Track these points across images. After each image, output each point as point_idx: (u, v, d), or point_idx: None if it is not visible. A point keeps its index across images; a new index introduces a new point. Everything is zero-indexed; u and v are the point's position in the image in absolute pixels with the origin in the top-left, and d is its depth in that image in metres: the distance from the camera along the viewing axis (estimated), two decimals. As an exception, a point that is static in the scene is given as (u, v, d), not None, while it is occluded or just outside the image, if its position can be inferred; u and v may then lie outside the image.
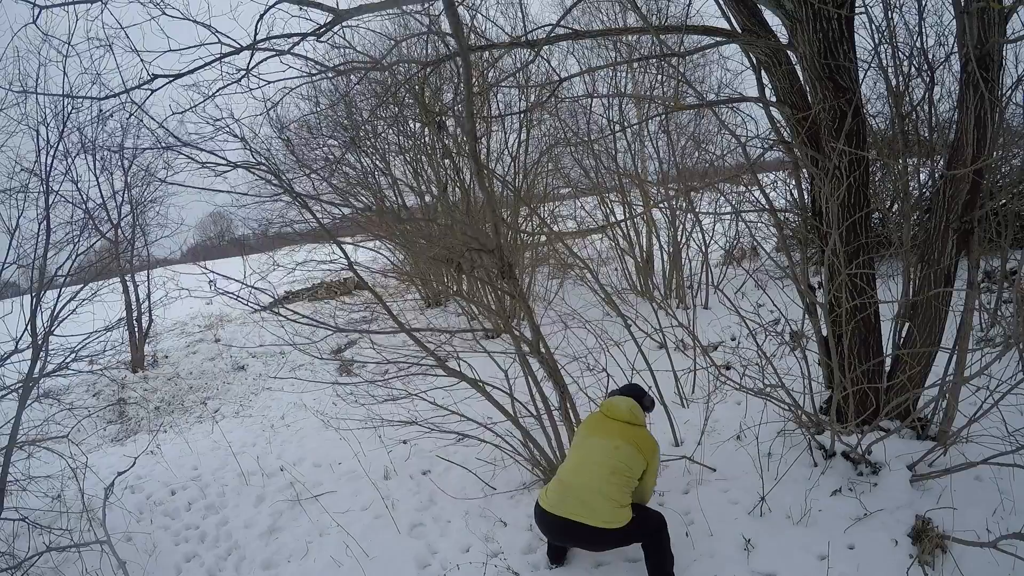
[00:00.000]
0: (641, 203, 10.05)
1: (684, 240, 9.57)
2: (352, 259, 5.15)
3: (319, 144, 11.28)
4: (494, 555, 4.38)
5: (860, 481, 4.16)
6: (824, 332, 4.48)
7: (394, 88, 7.03)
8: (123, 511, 5.61)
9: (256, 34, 3.86)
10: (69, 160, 6.28)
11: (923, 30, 4.82)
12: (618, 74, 10.25)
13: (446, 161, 9.79)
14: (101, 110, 6.41)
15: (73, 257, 5.88)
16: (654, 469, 4.01)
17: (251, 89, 4.35)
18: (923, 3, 4.77)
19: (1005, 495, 3.91)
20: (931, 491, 4.01)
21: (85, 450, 6.08)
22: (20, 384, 4.98)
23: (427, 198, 11.36)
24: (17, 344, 5.16)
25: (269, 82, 4.42)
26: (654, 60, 6.79)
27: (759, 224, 7.87)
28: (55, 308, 5.56)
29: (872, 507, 3.89)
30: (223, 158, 4.32)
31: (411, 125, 10.27)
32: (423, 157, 10.85)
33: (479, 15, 7.11)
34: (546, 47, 4.59)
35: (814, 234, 4.66)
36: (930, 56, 4.98)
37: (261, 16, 3.82)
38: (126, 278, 11.43)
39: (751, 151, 4.91)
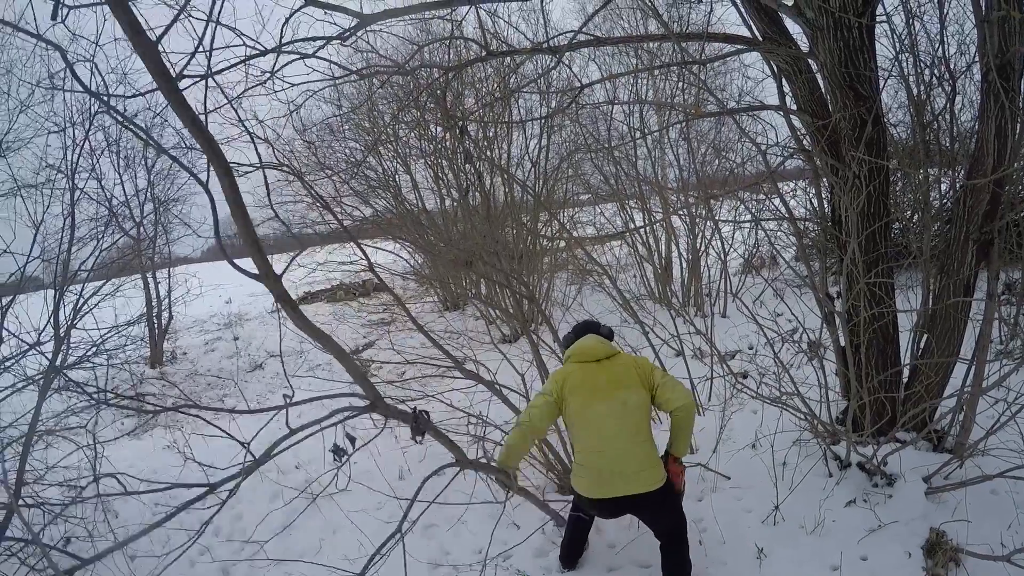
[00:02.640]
0: (661, 210, 10.04)
1: (703, 248, 9.55)
2: (372, 261, 5.18)
3: (341, 146, 11.36)
4: (506, 557, 4.39)
5: (875, 492, 4.14)
6: (842, 342, 4.46)
7: (416, 92, 7.07)
8: (139, 503, 5.67)
9: (281, 37, 3.91)
10: (94, 158, 6.37)
11: (944, 39, 4.81)
12: (639, 81, 10.27)
13: (467, 166, 9.83)
14: (126, 109, 6.50)
15: (96, 253, 5.97)
16: (661, 374, 3.77)
17: (275, 91, 4.40)
18: (944, 12, 4.75)
19: (1021, 509, 3.86)
20: (946, 504, 3.98)
21: (102, 441, 6.14)
22: (41, 375, 5.05)
23: (447, 202, 11.41)
24: (40, 337, 5.24)
25: (293, 84, 4.46)
26: (675, 67, 6.81)
27: (778, 233, 7.85)
28: (78, 302, 5.64)
29: (886, 519, 3.87)
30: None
31: (432, 129, 10.32)
32: (444, 161, 10.90)
33: (501, 21, 7.14)
34: (567, 53, 4.61)
35: (833, 243, 4.64)
36: (951, 65, 4.96)
37: (287, 20, 3.87)
38: (147, 275, 11.56)
39: (771, 159, 4.91)
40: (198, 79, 3.72)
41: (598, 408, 3.70)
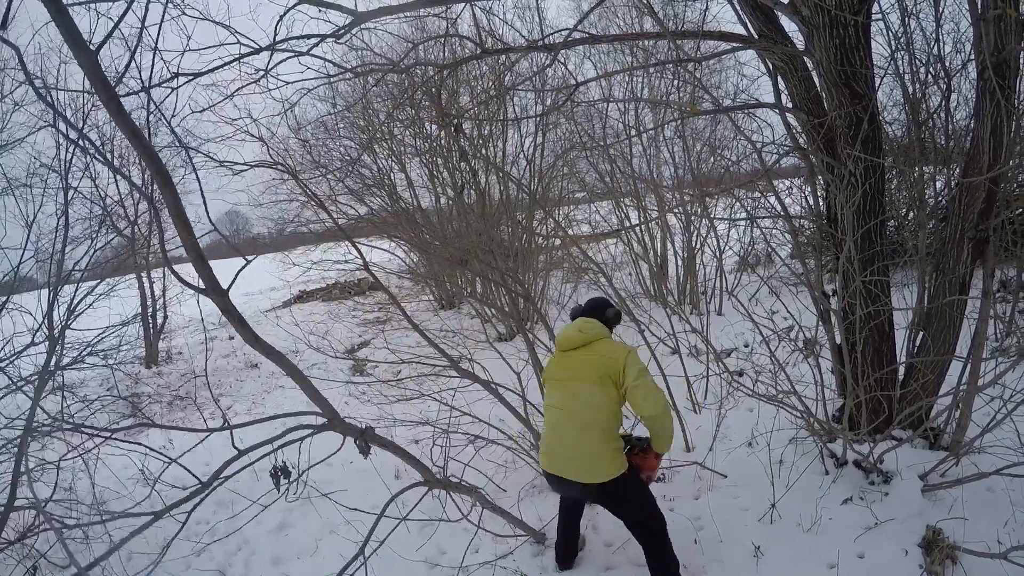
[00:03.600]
0: (656, 208, 10.05)
1: (699, 245, 9.57)
2: (367, 260, 5.17)
3: (336, 145, 11.36)
4: (503, 556, 4.38)
5: (871, 490, 4.14)
6: (838, 339, 4.46)
7: (411, 90, 7.06)
8: (135, 504, 5.65)
9: (275, 35, 3.90)
10: (88, 157, 6.34)
11: (940, 37, 4.80)
12: (634, 79, 10.28)
13: (462, 164, 9.83)
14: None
15: (91, 253, 5.94)
16: (633, 375, 3.60)
17: (269, 90, 4.38)
18: (940, 10, 4.75)
19: (1017, 506, 3.87)
20: (942, 501, 3.98)
21: (97, 443, 6.13)
22: (36, 376, 5.03)
23: (443, 200, 11.41)
24: (34, 337, 5.21)
25: (287, 83, 4.45)
26: (670, 65, 6.80)
27: (774, 230, 7.86)
28: (72, 302, 5.61)
29: (883, 516, 3.86)
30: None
31: (427, 127, 10.32)
32: (439, 159, 10.89)
33: (496, 18, 7.14)
34: (563, 51, 4.60)
35: (829, 241, 4.64)
36: (947, 63, 4.96)
37: (280, 17, 3.86)
38: (142, 275, 11.54)
39: (766, 157, 4.90)
40: (192, 77, 3.71)
41: (554, 396, 3.84)
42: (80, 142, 4.76)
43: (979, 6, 3.73)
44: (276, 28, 3.87)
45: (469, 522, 4.28)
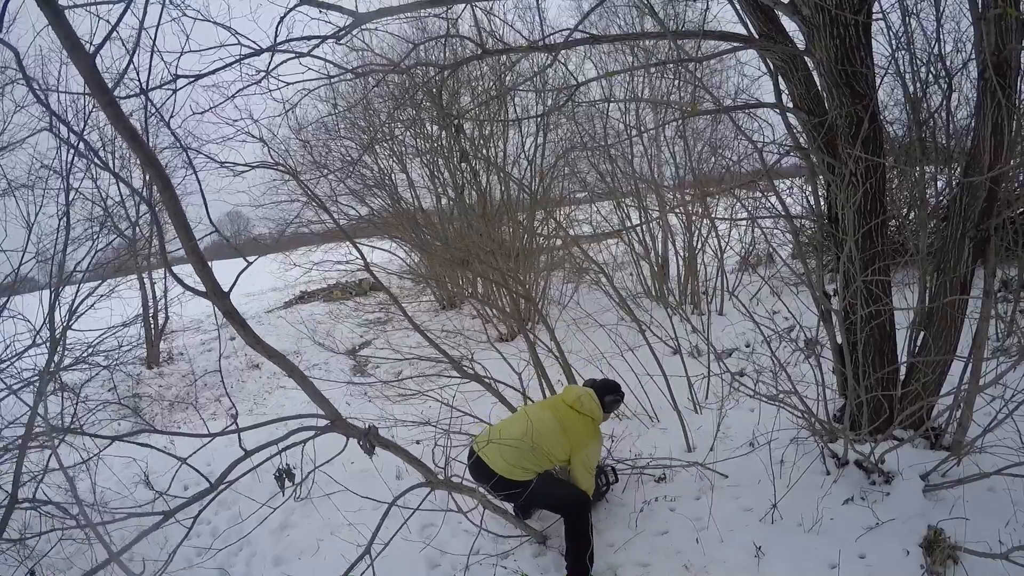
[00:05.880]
0: (657, 208, 10.05)
1: (700, 245, 9.55)
2: (368, 260, 5.17)
3: (337, 145, 11.35)
4: (504, 556, 4.38)
5: (872, 490, 4.14)
6: (839, 339, 4.46)
7: (412, 91, 7.06)
8: (136, 504, 5.65)
9: (276, 36, 3.89)
10: (88, 158, 6.34)
11: (940, 36, 4.80)
12: (635, 79, 10.27)
13: (463, 164, 9.82)
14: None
15: (92, 253, 5.94)
16: (581, 462, 4.25)
17: (270, 90, 4.38)
18: (940, 9, 4.75)
19: (1018, 506, 3.86)
20: (944, 501, 3.97)
21: (98, 443, 6.12)
22: (37, 377, 5.02)
23: (443, 200, 11.41)
24: (35, 338, 5.21)
25: (288, 83, 4.44)
26: (671, 65, 6.80)
27: (775, 230, 7.85)
28: (73, 303, 5.61)
29: (884, 516, 3.86)
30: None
31: (428, 128, 10.31)
32: (439, 160, 10.89)
33: (496, 19, 7.13)
34: (563, 51, 4.59)
35: (830, 241, 4.64)
36: (947, 62, 4.95)
37: (281, 19, 3.85)
38: (143, 275, 11.53)
39: (767, 157, 4.90)
40: (193, 79, 3.71)
41: (534, 408, 4.55)
42: (78, 146, 4.76)
43: (979, 5, 3.72)
44: (277, 29, 3.87)
45: (470, 522, 4.29)
